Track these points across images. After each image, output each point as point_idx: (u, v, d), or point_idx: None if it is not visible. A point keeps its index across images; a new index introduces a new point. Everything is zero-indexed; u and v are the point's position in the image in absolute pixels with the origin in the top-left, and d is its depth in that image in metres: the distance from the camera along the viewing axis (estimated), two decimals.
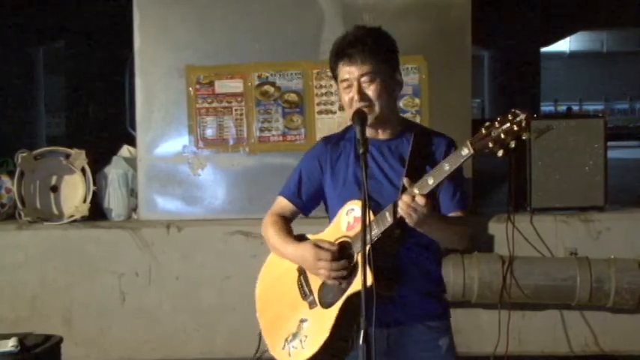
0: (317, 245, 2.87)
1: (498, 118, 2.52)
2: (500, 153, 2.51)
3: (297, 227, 3.16)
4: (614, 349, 5.52)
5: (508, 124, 2.48)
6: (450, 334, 3.03)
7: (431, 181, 2.62)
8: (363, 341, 2.47)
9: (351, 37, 2.88)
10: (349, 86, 2.87)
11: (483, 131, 2.54)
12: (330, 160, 3.02)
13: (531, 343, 5.51)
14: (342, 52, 2.88)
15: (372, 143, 2.87)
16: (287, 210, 3.13)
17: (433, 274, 3.05)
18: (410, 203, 2.61)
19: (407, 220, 2.65)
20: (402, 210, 2.64)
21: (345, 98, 2.89)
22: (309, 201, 3.11)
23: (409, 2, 5.70)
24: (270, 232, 3.08)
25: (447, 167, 2.60)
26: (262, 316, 3.14)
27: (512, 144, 2.49)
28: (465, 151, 2.56)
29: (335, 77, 2.98)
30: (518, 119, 2.47)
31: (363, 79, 2.85)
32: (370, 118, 2.85)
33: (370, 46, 2.85)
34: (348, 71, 2.86)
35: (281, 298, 3.04)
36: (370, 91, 2.85)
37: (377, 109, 2.87)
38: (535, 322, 5.51)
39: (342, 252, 2.87)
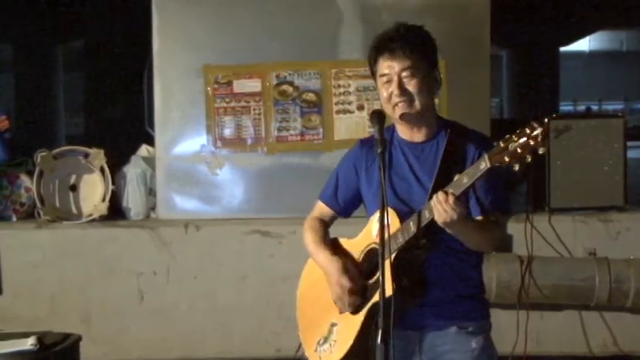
0: (344, 270, 2.88)
1: (517, 131, 2.49)
2: (516, 167, 2.48)
3: (339, 226, 3.18)
4: (633, 350, 5.48)
5: (525, 139, 2.45)
6: (485, 333, 2.95)
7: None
8: (381, 341, 2.47)
9: (393, 32, 2.84)
10: (389, 81, 2.82)
11: (501, 144, 2.51)
12: (366, 163, 2.99)
13: (550, 343, 5.48)
14: (383, 46, 2.83)
15: (407, 145, 2.88)
16: (325, 214, 3.15)
17: (468, 277, 2.96)
18: (442, 201, 2.59)
19: (435, 218, 2.62)
20: (434, 206, 2.62)
21: (384, 94, 2.83)
22: (348, 204, 3.11)
23: (427, 2, 5.68)
24: (307, 237, 3.10)
25: (465, 180, 2.59)
26: (300, 317, 3.20)
27: (529, 158, 2.47)
28: (483, 165, 2.54)
29: (373, 73, 2.93)
30: (534, 133, 2.44)
31: (404, 73, 2.79)
32: (409, 116, 2.83)
33: (412, 41, 2.81)
34: (389, 66, 2.81)
35: (316, 301, 3.07)
36: (410, 86, 2.80)
37: (417, 104, 2.82)
38: (554, 322, 5.49)
39: (371, 258, 2.88)
